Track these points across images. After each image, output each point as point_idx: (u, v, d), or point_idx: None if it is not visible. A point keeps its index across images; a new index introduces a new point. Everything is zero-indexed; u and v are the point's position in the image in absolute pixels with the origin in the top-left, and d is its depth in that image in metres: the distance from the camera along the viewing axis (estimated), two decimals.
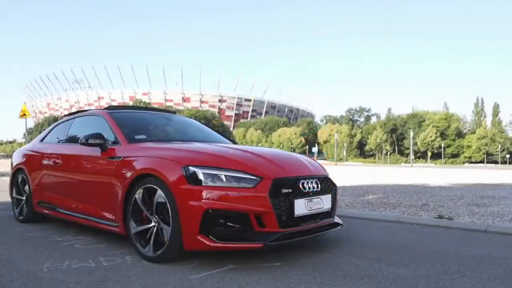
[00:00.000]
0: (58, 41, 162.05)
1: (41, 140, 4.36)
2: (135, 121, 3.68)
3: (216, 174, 2.49)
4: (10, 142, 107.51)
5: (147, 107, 4.90)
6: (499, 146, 66.32)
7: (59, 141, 4.02)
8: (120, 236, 3.36)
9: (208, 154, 2.78)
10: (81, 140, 3.14)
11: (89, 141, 3.09)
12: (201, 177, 2.47)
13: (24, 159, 4.33)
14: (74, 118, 4.06)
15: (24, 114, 13.10)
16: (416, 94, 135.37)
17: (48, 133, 4.37)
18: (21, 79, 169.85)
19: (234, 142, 4.08)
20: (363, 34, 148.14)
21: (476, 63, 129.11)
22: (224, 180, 2.48)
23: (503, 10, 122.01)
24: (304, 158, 3.20)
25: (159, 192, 2.59)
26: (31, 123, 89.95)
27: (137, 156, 2.87)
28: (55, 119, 76.64)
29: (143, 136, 3.37)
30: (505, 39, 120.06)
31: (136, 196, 2.73)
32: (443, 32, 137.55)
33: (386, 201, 6.10)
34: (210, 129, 4.29)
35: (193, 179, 2.47)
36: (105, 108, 3.79)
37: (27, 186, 4.16)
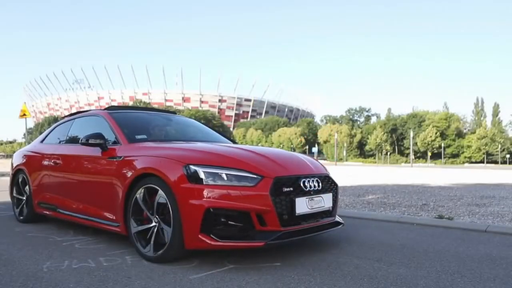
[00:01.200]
0: (58, 41, 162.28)
1: (42, 141, 4.36)
2: (135, 121, 3.69)
3: (217, 173, 2.49)
4: (10, 142, 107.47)
5: (147, 107, 4.89)
6: (499, 146, 66.31)
7: (59, 142, 4.02)
8: (120, 236, 3.36)
9: (209, 153, 2.78)
10: (81, 140, 3.13)
11: (90, 141, 3.08)
12: (202, 176, 2.47)
13: (25, 160, 4.33)
14: (74, 118, 4.05)
15: (24, 114, 13.11)
16: (416, 94, 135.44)
17: (49, 134, 4.37)
18: (21, 79, 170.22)
19: (234, 142, 4.09)
20: (363, 34, 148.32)
21: (476, 63, 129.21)
22: (225, 178, 2.48)
23: (503, 10, 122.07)
24: (305, 157, 3.20)
25: (160, 192, 2.58)
26: (31, 123, 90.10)
27: (137, 155, 2.87)
28: (55, 119, 76.77)
29: (144, 136, 3.38)
30: (505, 39, 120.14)
31: (137, 195, 2.73)
32: (443, 32, 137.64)
33: (386, 201, 6.10)
34: (210, 129, 4.29)
35: (194, 178, 2.47)
36: (106, 108, 3.79)
37: (27, 187, 4.16)
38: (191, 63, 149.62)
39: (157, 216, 2.63)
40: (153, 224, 2.65)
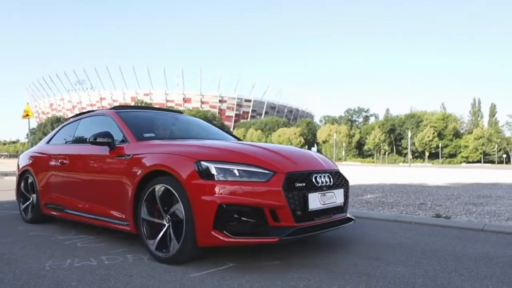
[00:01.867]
0: (60, 42, 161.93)
1: (48, 142, 4.34)
2: (142, 120, 3.67)
3: (229, 169, 2.46)
4: (13, 142, 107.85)
5: (153, 107, 4.79)
6: (496, 146, 66.57)
7: (66, 142, 4.01)
8: (122, 235, 3.39)
9: (220, 149, 2.75)
10: (89, 139, 3.10)
11: (97, 140, 3.05)
12: (213, 171, 2.44)
13: (31, 161, 4.31)
14: (80, 119, 4.04)
15: (27, 115, 13.10)
16: (414, 94, 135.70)
17: (55, 134, 4.34)
18: (24, 79, 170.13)
19: (239, 140, 4.08)
20: (362, 34, 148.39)
21: (473, 63, 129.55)
22: (237, 174, 2.45)
23: (499, 11, 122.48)
24: (315, 153, 3.20)
25: (171, 188, 2.55)
26: (34, 124, 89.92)
27: (146, 153, 2.83)
28: (58, 119, 76.93)
29: (152, 134, 3.36)
30: (502, 40, 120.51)
31: (148, 193, 2.69)
32: (441, 33, 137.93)
33: (384, 200, 6.13)
34: (216, 128, 4.25)
35: (206, 174, 2.44)
36: (112, 108, 3.78)
37: (34, 188, 4.13)
38: (192, 63, 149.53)
39: (168, 215, 2.60)
40: (164, 223, 2.62)
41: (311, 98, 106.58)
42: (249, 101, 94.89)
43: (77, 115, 4.28)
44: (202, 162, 2.48)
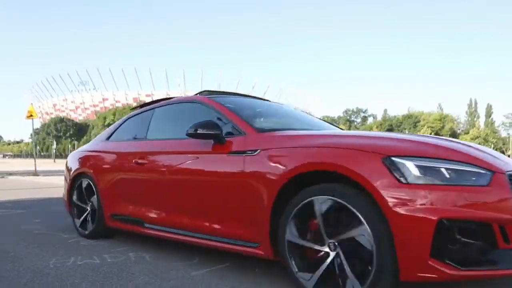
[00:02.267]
0: (60, 42, 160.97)
1: (108, 138, 3.61)
2: (246, 107, 2.91)
3: (434, 167, 1.70)
4: (17, 142, 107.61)
5: (237, 93, 3.69)
6: (492, 146, 66.97)
7: (136, 137, 3.25)
8: (124, 234, 3.40)
9: (406, 140, 1.96)
10: (188, 131, 2.39)
11: (199, 132, 2.34)
12: (416, 172, 1.68)
13: (88, 162, 3.54)
14: (153, 108, 3.30)
15: (31, 115, 13.19)
16: (412, 94, 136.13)
17: (116, 129, 3.60)
18: (24, 79, 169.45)
19: None
20: (362, 34, 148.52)
21: (472, 64, 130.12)
22: (447, 176, 1.68)
23: (500, 11, 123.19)
24: None
25: (341, 201, 1.80)
26: (37, 124, 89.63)
27: (286, 147, 2.09)
28: (61, 119, 76.93)
29: (268, 125, 2.65)
30: (499, 41, 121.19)
31: (301, 207, 1.93)
32: (441, 33, 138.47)
33: None
34: (317, 118, 3.56)
35: (404, 175, 1.68)
36: (199, 93, 3.15)
37: (94, 195, 3.34)
38: (193, 63, 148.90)
39: (335, 240, 1.83)
40: (327, 250, 1.84)
41: (311, 98, 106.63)
42: None
43: (145, 104, 3.56)
44: (394, 159, 1.71)
